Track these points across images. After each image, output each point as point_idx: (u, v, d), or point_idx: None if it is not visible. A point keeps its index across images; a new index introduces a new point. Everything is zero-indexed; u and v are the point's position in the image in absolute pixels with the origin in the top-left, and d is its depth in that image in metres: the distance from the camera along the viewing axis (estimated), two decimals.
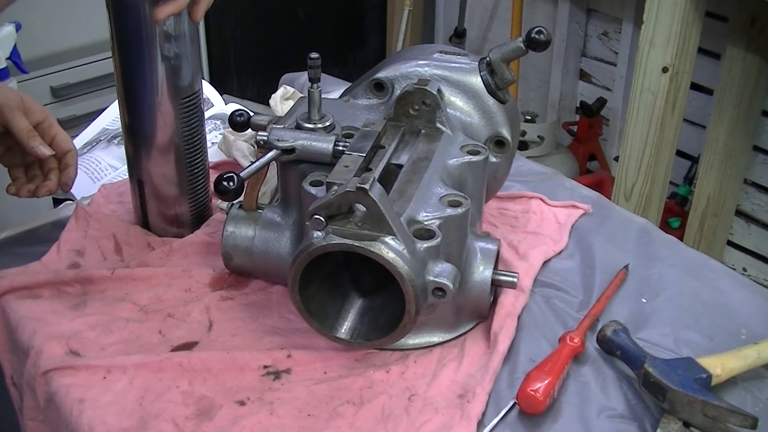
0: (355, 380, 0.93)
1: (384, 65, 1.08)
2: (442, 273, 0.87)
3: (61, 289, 1.05)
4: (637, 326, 1.00)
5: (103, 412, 0.88)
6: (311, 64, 0.97)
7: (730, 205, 2.36)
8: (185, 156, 1.11)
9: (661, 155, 2.03)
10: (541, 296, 1.07)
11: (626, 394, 0.92)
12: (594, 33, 2.82)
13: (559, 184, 1.32)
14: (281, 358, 0.95)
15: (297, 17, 2.96)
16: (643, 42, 1.94)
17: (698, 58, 1.99)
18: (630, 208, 1.90)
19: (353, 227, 0.85)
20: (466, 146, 1.00)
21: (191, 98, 1.08)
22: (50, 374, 0.92)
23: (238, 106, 1.47)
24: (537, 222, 1.20)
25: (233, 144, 1.26)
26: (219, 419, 0.87)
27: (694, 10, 1.88)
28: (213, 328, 1.00)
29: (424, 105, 1.02)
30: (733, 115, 2.19)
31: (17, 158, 1.07)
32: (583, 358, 0.96)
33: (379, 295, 0.96)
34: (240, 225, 1.04)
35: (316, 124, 1.00)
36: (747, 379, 0.93)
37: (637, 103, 2.00)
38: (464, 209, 0.91)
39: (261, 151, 0.99)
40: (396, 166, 0.97)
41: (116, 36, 1.04)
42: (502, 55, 1.02)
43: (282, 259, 1.01)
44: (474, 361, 0.95)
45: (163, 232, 1.15)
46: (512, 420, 0.89)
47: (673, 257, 1.14)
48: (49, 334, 0.97)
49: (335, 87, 1.42)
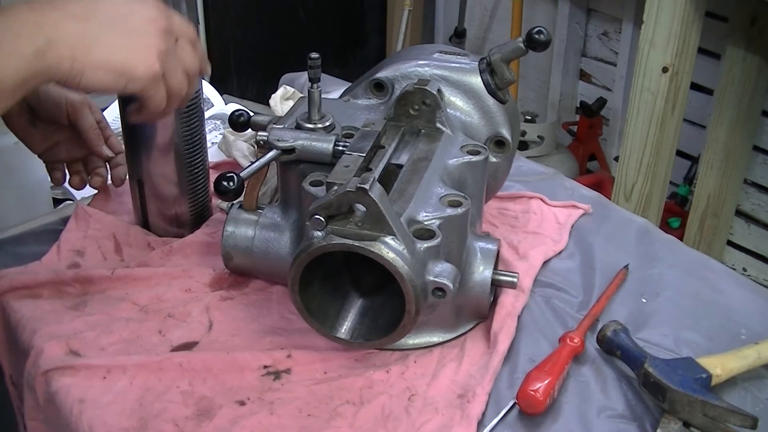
0: (355, 380, 0.93)
1: (384, 65, 1.08)
2: (442, 273, 0.87)
3: (61, 289, 1.05)
4: (637, 326, 1.00)
5: (103, 412, 0.88)
6: (311, 64, 0.97)
7: (730, 205, 2.36)
8: (185, 156, 1.11)
9: (661, 155, 2.03)
10: (541, 296, 1.07)
11: (626, 394, 0.92)
12: (594, 33, 2.82)
13: (559, 184, 1.32)
14: (281, 358, 0.95)
15: (297, 17, 2.96)
16: (643, 42, 1.94)
17: (698, 58, 1.99)
18: (630, 208, 1.91)
19: (353, 227, 0.85)
20: (466, 146, 1.00)
21: (191, 98, 1.08)
22: (50, 374, 0.92)
23: (238, 106, 1.47)
24: (537, 222, 1.20)
25: (233, 144, 1.26)
26: (219, 419, 0.87)
27: (694, 10, 1.88)
28: (213, 328, 1.00)
29: (424, 105, 1.02)
30: (733, 115, 2.19)
31: (63, 153, 1.11)
32: (583, 358, 0.96)
33: (379, 295, 0.96)
34: (240, 225, 1.04)
35: (316, 124, 1.00)
36: (747, 379, 0.93)
37: (637, 103, 2.00)
38: (464, 209, 0.91)
39: (261, 151, 0.99)
40: (396, 166, 0.97)
41: None
42: (502, 55, 1.02)
43: (282, 259, 1.01)
44: (474, 361, 0.95)
45: (163, 232, 1.15)
46: (512, 420, 0.89)
47: (673, 257, 1.14)
48: (49, 334, 0.97)
49: (335, 87, 1.42)
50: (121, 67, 0.80)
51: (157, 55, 0.82)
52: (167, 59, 0.84)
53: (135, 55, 0.81)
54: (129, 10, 0.83)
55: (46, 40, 0.76)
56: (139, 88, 0.83)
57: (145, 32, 0.82)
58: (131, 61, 0.81)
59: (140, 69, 0.81)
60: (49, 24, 0.77)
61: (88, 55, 0.78)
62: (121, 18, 0.82)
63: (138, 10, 0.83)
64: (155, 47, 0.82)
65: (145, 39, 0.82)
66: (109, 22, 0.80)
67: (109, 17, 0.81)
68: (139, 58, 0.81)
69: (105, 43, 0.79)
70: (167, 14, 0.86)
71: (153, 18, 0.84)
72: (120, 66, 0.80)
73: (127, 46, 0.81)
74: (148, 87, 0.83)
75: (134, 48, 0.81)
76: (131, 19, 0.82)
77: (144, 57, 0.81)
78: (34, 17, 0.76)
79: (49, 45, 0.76)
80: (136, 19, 0.83)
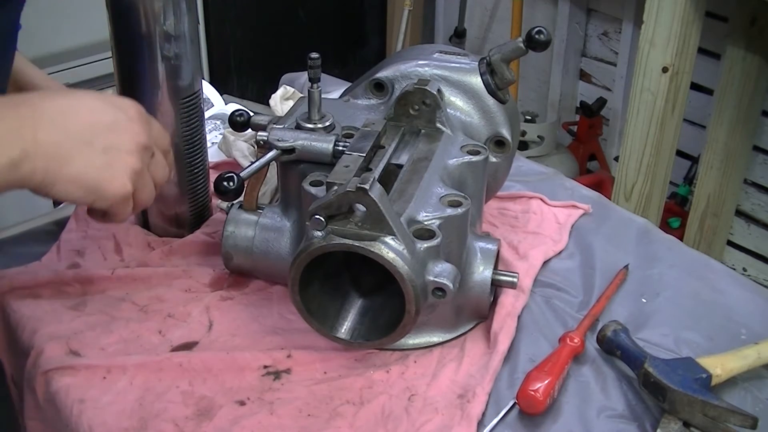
0: (355, 380, 0.93)
1: (384, 65, 1.08)
2: (442, 273, 0.87)
3: (61, 289, 1.05)
4: (637, 326, 1.00)
5: (103, 412, 0.88)
6: (311, 64, 0.97)
7: (730, 205, 2.36)
8: (185, 156, 1.11)
9: (661, 155, 2.03)
10: (541, 296, 1.07)
11: (626, 394, 0.92)
12: (594, 33, 2.82)
13: (559, 184, 1.32)
14: (281, 358, 0.95)
15: (297, 17, 2.96)
16: (643, 42, 1.94)
17: (698, 58, 1.99)
18: (630, 208, 1.91)
19: (353, 227, 0.85)
20: (466, 146, 1.00)
21: (191, 98, 1.08)
22: (50, 374, 0.92)
23: (238, 106, 1.47)
24: (537, 222, 1.20)
25: (233, 144, 1.26)
26: (219, 419, 0.87)
27: (694, 10, 1.88)
28: (213, 328, 1.00)
29: (424, 105, 1.02)
30: (733, 115, 2.19)
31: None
32: (583, 358, 0.96)
33: (379, 295, 0.96)
34: (240, 225, 1.04)
35: (316, 124, 1.00)
36: (747, 379, 0.93)
37: (637, 103, 2.00)
38: (464, 209, 0.91)
39: (261, 151, 0.99)
40: (396, 166, 0.97)
41: (116, 36, 1.04)
42: (502, 55, 1.02)
43: (282, 259, 1.01)
44: (474, 361, 0.95)
45: (163, 232, 1.15)
46: (512, 420, 0.89)
47: (673, 257, 1.14)
48: (49, 334, 0.97)
49: (335, 87, 1.42)
50: (93, 185, 0.78)
51: (130, 176, 0.80)
52: (140, 178, 0.82)
53: (108, 176, 0.78)
54: (112, 119, 0.80)
55: (22, 150, 0.72)
56: (107, 205, 0.81)
57: (124, 150, 0.80)
58: (103, 181, 0.78)
59: (111, 189, 0.79)
60: (27, 131, 0.73)
61: (61, 169, 0.75)
62: (102, 130, 0.78)
63: (122, 122, 0.80)
64: (131, 168, 0.80)
65: (122, 158, 0.79)
66: (89, 133, 0.77)
67: (88, 127, 0.78)
68: (112, 178, 0.79)
69: (80, 158, 0.76)
70: (149, 125, 0.84)
71: (135, 133, 0.81)
72: (92, 184, 0.78)
73: (103, 164, 0.78)
74: (116, 205, 0.81)
75: (109, 167, 0.78)
76: (112, 134, 0.79)
77: (117, 177, 0.79)
78: (11, 123, 0.73)
79: (25, 156, 0.73)
80: (118, 133, 0.80)
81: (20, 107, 0.75)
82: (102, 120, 0.79)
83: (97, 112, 0.80)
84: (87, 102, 0.80)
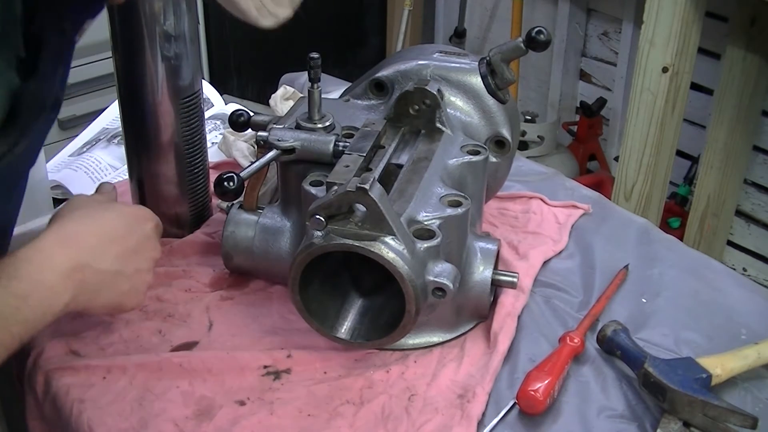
0: (355, 380, 0.93)
1: (384, 65, 1.08)
2: (442, 273, 0.87)
3: None
4: (637, 326, 1.00)
5: (103, 412, 0.88)
6: (311, 64, 0.97)
7: (730, 205, 2.36)
8: (185, 156, 1.11)
9: (661, 155, 2.03)
10: (541, 296, 1.07)
11: (626, 394, 0.92)
12: (594, 33, 2.82)
13: (559, 184, 1.32)
14: (281, 358, 0.95)
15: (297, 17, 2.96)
16: (643, 42, 1.94)
17: (698, 58, 1.99)
18: (630, 208, 1.90)
19: (353, 227, 0.85)
20: (466, 146, 1.00)
21: (191, 98, 1.08)
22: (50, 374, 0.92)
23: (238, 106, 1.46)
24: (537, 222, 1.20)
25: (233, 144, 1.26)
26: (219, 419, 0.87)
27: (694, 10, 1.88)
28: (213, 328, 1.00)
29: (424, 105, 1.02)
30: (733, 115, 2.19)
31: None
32: (583, 358, 0.96)
33: (379, 295, 0.96)
34: (240, 225, 1.04)
35: (316, 124, 1.00)
36: (747, 379, 0.93)
37: (637, 103, 2.00)
38: (464, 209, 0.91)
39: (261, 151, 0.99)
40: (396, 166, 0.97)
41: (116, 36, 1.04)
42: (502, 55, 1.02)
43: (282, 259, 1.01)
44: (474, 361, 0.95)
45: (163, 232, 1.15)
46: (512, 420, 0.89)
47: (673, 257, 1.14)
48: (49, 334, 0.97)
49: (335, 87, 1.42)
50: (117, 307, 0.87)
51: (146, 291, 0.90)
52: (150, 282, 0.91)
53: (132, 296, 0.87)
54: (136, 242, 0.87)
55: (71, 297, 0.79)
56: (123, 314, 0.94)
57: (144, 269, 0.88)
58: (127, 301, 0.87)
59: (131, 305, 0.89)
60: (74, 283, 0.79)
61: (94, 300, 0.83)
62: (129, 256, 0.86)
63: (142, 242, 0.88)
64: (148, 284, 0.89)
65: (142, 277, 0.88)
66: (119, 264, 0.85)
67: (119, 258, 0.85)
68: (135, 297, 0.88)
69: (111, 289, 0.84)
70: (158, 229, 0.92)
71: (152, 250, 0.90)
72: (116, 306, 0.87)
73: (128, 289, 0.86)
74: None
75: (132, 289, 0.87)
76: (136, 256, 0.87)
77: (138, 295, 0.88)
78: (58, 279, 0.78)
79: (73, 300, 0.79)
80: (140, 253, 0.88)
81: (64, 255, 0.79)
82: (128, 245, 0.86)
83: (123, 239, 0.86)
84: (113, 225, 0.86)
